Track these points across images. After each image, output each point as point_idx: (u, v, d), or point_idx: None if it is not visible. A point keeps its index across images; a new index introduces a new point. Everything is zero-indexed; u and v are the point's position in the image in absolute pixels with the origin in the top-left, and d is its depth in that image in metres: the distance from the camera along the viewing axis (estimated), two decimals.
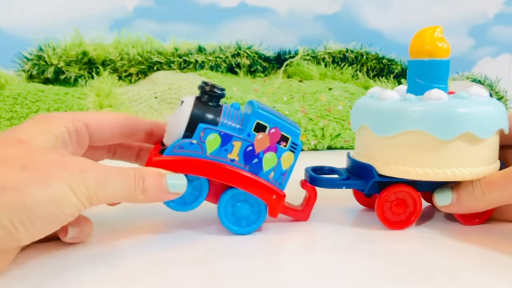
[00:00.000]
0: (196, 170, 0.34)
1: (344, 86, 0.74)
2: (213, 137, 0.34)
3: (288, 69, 0.80)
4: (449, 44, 0.36)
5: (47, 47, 0.74)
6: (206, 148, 0.34)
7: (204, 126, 0.34)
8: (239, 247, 0.33)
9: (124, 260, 0.31)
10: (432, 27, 0.36)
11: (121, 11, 0.86)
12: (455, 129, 0.33)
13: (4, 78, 0.68)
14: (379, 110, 0.35)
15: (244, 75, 0.79)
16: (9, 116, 0.65)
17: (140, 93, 0.68)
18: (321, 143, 0.66)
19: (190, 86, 0.69)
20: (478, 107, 0.34)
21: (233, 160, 0.34)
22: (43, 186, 0.27)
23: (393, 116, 0.35)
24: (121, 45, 0.76)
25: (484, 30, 0.90)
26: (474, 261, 0.31)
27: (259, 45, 0.80)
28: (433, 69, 0.36)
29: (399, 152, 0.35)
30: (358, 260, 0.31)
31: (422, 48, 0.36)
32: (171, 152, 0.34)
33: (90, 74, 0.74)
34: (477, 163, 0.34)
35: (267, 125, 0.34)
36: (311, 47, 0.82)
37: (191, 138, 0.34)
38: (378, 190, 0.36)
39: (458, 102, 0.34)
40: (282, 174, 0.35)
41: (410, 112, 0.34)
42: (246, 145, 0.34)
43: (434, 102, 0.34)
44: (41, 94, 0.66)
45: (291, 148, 0.35)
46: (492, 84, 0.74)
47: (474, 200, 0.34)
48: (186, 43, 0.78)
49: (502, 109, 0.35)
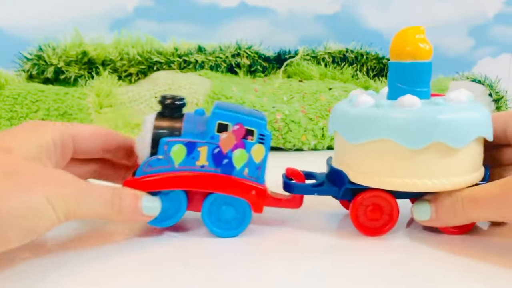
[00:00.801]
0: (168, 184, 0.34)
1: (344, 86, 0.74)
2: (178, 148, 0.34)
3: (288, 69, 0.80)
4: (431, 46, 0.34)
5: (47, 47, 0.74)
6: (173, 160, 0.34)
7: (166, 139, 0.34)
8: (221, 252, 0.33)
9: (110, 261, 0.31)
10: (414, 27, 0.34)
11: (121, 11, 0.86)
12: (424, 138, 0.32)
13: (4, 78, 0.68)
14: (349, 117, 0.34)
15: (244, 75, 0.79)
16: (9, 116, 0.65)
17: (140, 93, 0.68)
18: (321, 143, 0.66)
19: (190, 86, 0.69)
20: (451, 115, 0.32)
21: (203, 166, 0.34)
22: (22, 196, 0.27)
23: (362, 123, 0.33)
24: (121, 45, 0.76)
25: (484, 30, 0.90)
26: (454, 268, 0.30)
27: (259, 45, 0.80)
28: (415, 72, 0.34)
29: (369, 160, 0.33)
30: (339, 266, 0.31)
31: (403, 49, 0.34)
32: (141, 172, 0.34)
33: (90, 74, 0.74)
34: (454, 173, 0.33)
35: (229, 123, 0.34)
36: (311, 47, 0.82)
37: (157, 155, 0.34)
38: (351, 197, 0.35)
39: (429, 109, 0.32)
40: (256, 168, 0.35)
41: (378, 120, 0.32)
42: (212, 148, 0.34)
43: (405, 109, 0.32)
44: (41, 94, 0.66)
45: (259, 140, 0.34)
46: (492, 84, 0.74)
47: (453, 216, 0.32)
48: (186, 43, 0.78)
49: (483, 116, 0.33)
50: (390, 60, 0.35)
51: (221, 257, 0.32)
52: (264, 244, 0.34)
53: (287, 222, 0.38)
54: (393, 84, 0.35)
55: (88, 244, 0.34)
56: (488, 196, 0.31)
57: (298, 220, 0.38)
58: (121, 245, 0.34)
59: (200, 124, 0.35)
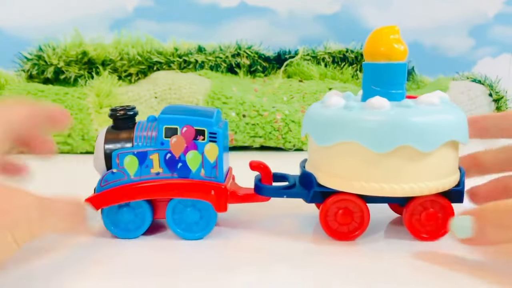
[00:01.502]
0: (126, 196, 0.34)
1: (344, 86, 0.74)
2: (129, 159, 0.34)
3: (288, 69, 0.80)
4: (406, 46, 0.33)
5: (47, 47, 0.74)
6: (128, 172, 0.34)
7: (117, 152, 0.34)
8: (188, 256, 0.33)
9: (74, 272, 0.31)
10: (389, 27, 0.33)
11: (121, 11, 0.86)
12: (391, 141, 0.31)
13: (4, 78, 0.68)
14: (318, 119, 0.34)
15: (244, 75, 0.79)
16: None
17: (140, 93, 0.68)
18: None
19: (190, 86, 0.69)
20: (419, 118, 0.31)
21: (158, 173, 0.34)
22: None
23: (329, 125, 0.33)
24: (121, 45, 0.76)
25: (484, 30, 0.90)
26: (424, 276, 0.30)
27: (259, 45, 0.80)
28: (389, 73, 0.33)
29: (337, 163, 0.33)
30: (307, 273, 0.30)
31: (377, 50, 0.33)
32: (99, 188, 0.34)
33: (90, 74, 0.74)
34: (425, 178, 0.32)
35: (177, 126, 0.34)
36: (311, 47, 0.82)
37: (111, 169, 0.34)
38: (322, 200, 0.34)
39: (397, 112, 0.31)
40: (213, 167, 0.34)
41: (345, 122, 0.32)
42: (164, 154, 0.34)
43: (373, 111, 0.31)
44: (41, 94, 0.66)
45: (210, 139, 0.34)
46: (492, 84, 0.74)
47: (502, 238, 0.28)
48: (186, 43, 0.78)
49: (456, 119, 0.32)
50: (365, 61, 0.34)
51: (189, 261, 0.32)
52: (233, 249, 0.34)
53: (258, 226, 0.38)
54: (367, 85, 0.34)
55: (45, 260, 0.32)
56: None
57: (270, 224, 0.38)
58: (80, 253, 0.33)
59: (152, 131, 0.34)
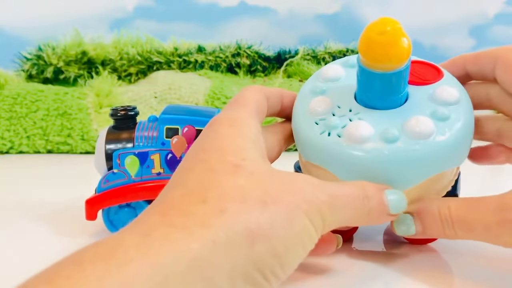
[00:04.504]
0: (127, 197, 0.34)
1: None
2: (130, 159, 0.34)
3: (288, 69, 0.80)
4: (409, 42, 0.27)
5: (46, 47, 0.74)
6: (129, 172, 0.34)
7: (118, 152, 0.34)
8: None
9: None
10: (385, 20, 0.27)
11: (121, 11, 0.86)
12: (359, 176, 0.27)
13: (4, 78, 0.68)
14: (296, 127, 0.30)
15: (244, 75, 0.79)
16: (8, 116, 0.65)
17: (140, 93, 0.68)
18: None
19: (190, 86, 0.69)
20: (399, 160, 0.27)
21: (159, 173, 0.34)
22: (288, 224, 0.22)
23: (303, 140, 0.30)
24: (120, 45, 0.76)
25: (484, 30, 0.90)
26: None
27: (259, 45, 0.80)
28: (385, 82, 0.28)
29: (315, 175, 0.28)
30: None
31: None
32: (100, 189, 0.34)
33: (90, 74, 0.73)
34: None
35: (178, 126, 0.34)
36: (311, 46, 0.81)
37: (112, 169, 0.34)
38: None
39: (376, 152, 0.27)
40: None
41: (320, 148, 0.28)
42: (165, 154, 0.34)
43: (351, 146, 0.27)
44: (40, 94, 0.66)
45: None
46: None
47: (442, 235, 0.28)
48: (186, 43, 0.78)
49: (451, 147, 0.27)
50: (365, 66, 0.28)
51: None
52: None
53: None
54: (363, 89, 0.29)
55: None
56: (481, 226, 0.26)
57: None
58: None
59: (152, 131, 0.34)
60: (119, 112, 0.35)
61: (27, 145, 0.65)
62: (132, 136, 0.34)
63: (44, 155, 0.65)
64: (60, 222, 0.40)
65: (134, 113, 0.35)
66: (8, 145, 0.65)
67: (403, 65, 0.27)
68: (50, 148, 0.65)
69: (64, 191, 0.48)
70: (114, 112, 0.35)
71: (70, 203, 0.42)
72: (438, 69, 0.31)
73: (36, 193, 0.49)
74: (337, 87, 0.31)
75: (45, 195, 0.48)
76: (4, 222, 0.41)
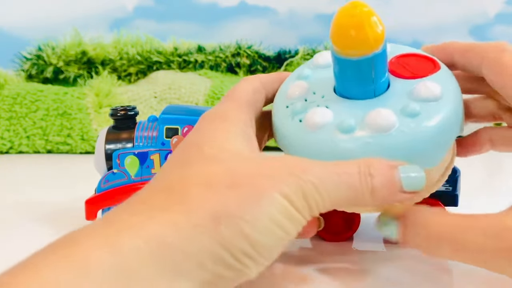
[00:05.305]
0: (127, 197, 0.33)
1: None
2: (130, 159, 0.34)
3: (288, 69, 0.80)
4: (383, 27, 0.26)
5: (46, 47, 0.74)
6: (129, 172, 0.34)
7: (117, 152, 0.34)
8: None
9: None
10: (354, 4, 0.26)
11: (120, 11, 0.86)
12: None
13: (3, 77, 0.68)
14: (276, 111, 0.29)
15: (244, 75, 0.79)
16: (8, 116, 0.65)
17: (140, 93, 0.68)
18: None
19: (190, 86, 0.68)
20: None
21: None
22: (256, 205, 0.21)
23: (278, 129, 0.29)
24: (120, 45, 0.76)
25: (485, 29, 0.90)
26: None
27: (259, 45, 0.80)
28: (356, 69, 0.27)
29: None
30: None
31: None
32: (100, 189, 0.34)
33: (90, 74, 0.73)
34: None
35: (178, 126, 0.34)
36: (311, 46, 0.81)
37: (112, 169, 0.34)
38: None
39: (328, 139, 0.26)
40: None
41: (292, 138, 0.27)
42: (165, 154, 0.34)
43: (311, 132, 0.26)
44: (40, 93, 0.66)
45: None
46: None
47: (425, 251, 0.25)
48: (186, 43, 0.78)
49: (400, 150, 0.25)
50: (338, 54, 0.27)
51: None
52: None
53: None
54: (336, 77, 0.28)
55: None
56: (472, 247, 0.23)
57: None
58: None
59: (152, 131, 0.34)
60: (119, 112, 0.35)
61: (27, 145, 0.65)
62: (132, 136, 0.34)
63: (44, 155, 0.65)
64: (60, 222, 0.40)
65: (134, 113, 0.35)
66: (8, 145, 0.65)
67: (371, 52, 0.25)
68: (50, 148, 0.65)
69: (64, 191, 0.48)
70: (114, 112, 0.35)
71: (70, 203, 0.42)
72: (436, 63, 0.29)
73: (36, 193, 0.49)
74: (321, 74, 0.30)
75: (45, 195, 0.48)
76: (4, 222, 0.41)
